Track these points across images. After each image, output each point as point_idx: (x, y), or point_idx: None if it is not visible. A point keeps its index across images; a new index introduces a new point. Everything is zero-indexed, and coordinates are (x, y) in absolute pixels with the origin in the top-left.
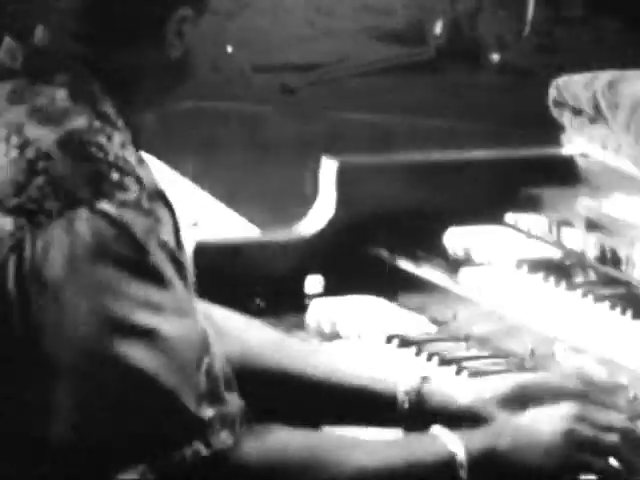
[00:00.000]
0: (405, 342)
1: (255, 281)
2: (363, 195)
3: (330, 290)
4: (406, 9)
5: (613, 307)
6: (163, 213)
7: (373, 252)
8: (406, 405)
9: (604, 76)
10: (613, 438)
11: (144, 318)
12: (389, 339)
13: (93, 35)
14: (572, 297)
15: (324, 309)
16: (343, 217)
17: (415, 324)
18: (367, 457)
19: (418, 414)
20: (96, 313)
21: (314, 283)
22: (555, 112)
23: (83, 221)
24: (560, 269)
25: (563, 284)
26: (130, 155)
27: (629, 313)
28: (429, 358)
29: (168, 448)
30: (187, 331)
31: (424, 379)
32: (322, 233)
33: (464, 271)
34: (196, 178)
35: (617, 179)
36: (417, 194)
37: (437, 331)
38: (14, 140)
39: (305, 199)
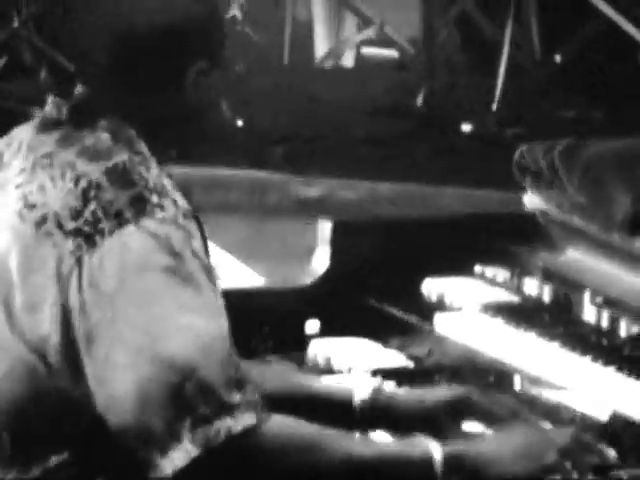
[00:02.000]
0: (387, 375)
1: (263, 324)
2: (353, 250)
3: (325, 332)
4: (388, 92)
5: (563, 345)
6: (194, 228)
7: (362, 299)
8: (360, 409)
9: (561, 143)
10: (567, 444)
11: (184, 318)
12: (374, 373)
13: (124, 88)
14: (529, 336)
15: (320, 348)
16: (336, 269)
17: (396, 360)
18: (363, 446)
19: (371, 416)
20: (144, 315)
21: (312, 326)
22: (518, 176)
23: (131, 237)
24: (519, 313)
25: (522, 326)
26: (166, 182)
27: (577, 350)
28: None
29: (206, 422)
30: (219, 328)
31: (377, 389)
32: (318, 283)
33: (438, 315)
34: (210, 235)
35: (570, 234)
36: (400, 249)
37: (414, 366)
38: (68, 175)
39: (306, 254)
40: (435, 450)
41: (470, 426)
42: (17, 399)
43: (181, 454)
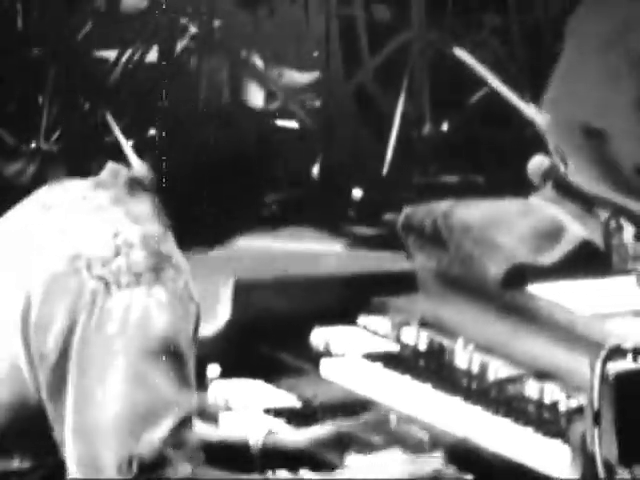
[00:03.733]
0: (277, 413)
1: None
2: (251, 304)
3: (225, 375)
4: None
5: (435, 387)
6: (192, 310)
7: (257, 347)
8: (256, 450)
9: (442, 205)
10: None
11: (160, 379)
12: (267, 411)
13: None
14: (404, 379)
15: (220, 389)
16: (236, 320)
17: (286, 401)
18: None
19: (265, 456)
20: (131, 363)
21: (213, 370)
22: (402, 236)
23: (141, 297)
24: (397, 359)
25: (399, 370)
26: (183, 261)
27: (448, 392)
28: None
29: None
30: (192, 400)
31: (269, 432)
32: (221, 332)
33: (324, 361)
34: None
35: (447, 288)
36: (292, 303)
37: (302, 405)
38: (109, 230)
39: (210, 307)
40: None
41: (353, 458)
42: (4, 403)
43: None
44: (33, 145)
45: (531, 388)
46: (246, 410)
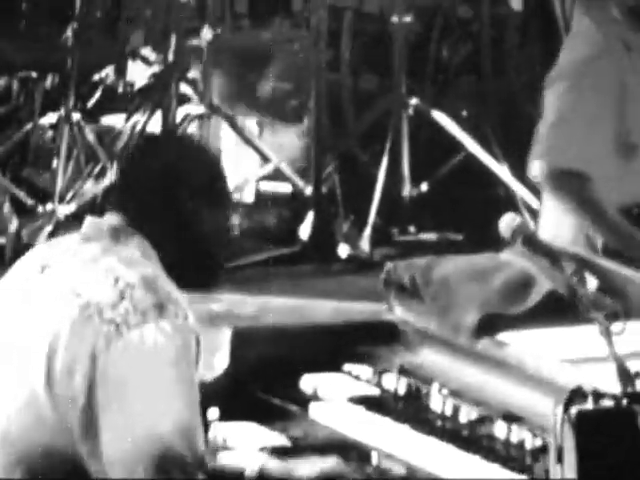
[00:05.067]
0: (271, 452)
1: None
2: (247, 352)
3: (223, 417)
4: (280, 222)
5: (412, 428)
6: (193, 340)
7: (253, 392)
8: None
9: (422, 261)
10: None
11: (177, 408)
12: (261, 450)
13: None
14: (385, 421)
15: (219, 430)
16: (233, 368)
17: (278, 440)
18: None
19: None
20: (148, 393)
21: (213, 413)
22: (384, 290)
23: (150, 333)
24: (379, 402)
25: (380, 413)
26: (180, 296)
27: (424, 432)
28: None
29: None
30: (198, 418)
31: (263, 465)
32: (219, 378)
33: (312, 405)
34: None
35: (424, 338)
36: (283, 351)
37: (292, 445)
38: (110, 277)
39: (210, 355)
40: None
41: None
42: (34, 447)
43: None
44: (49, 207)
45: (500, 428)
46: (242, 449)
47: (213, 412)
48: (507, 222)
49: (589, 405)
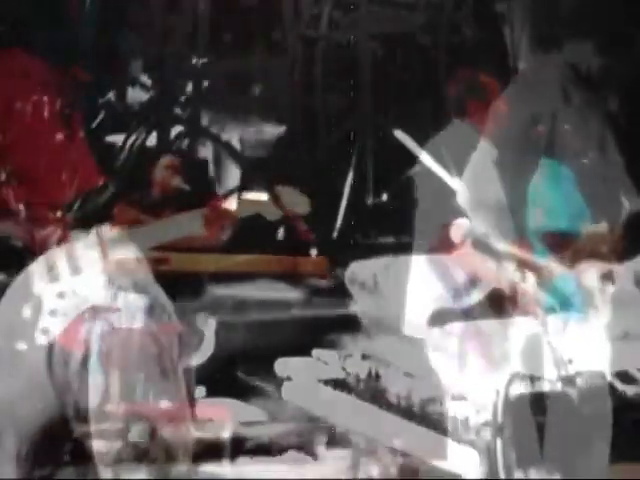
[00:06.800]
0: (245, 425)
1: None
2: (230, 340)
3: (209, 395)
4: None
5: (373, 402)
6: (175, 340)
7: (234, 373)
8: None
9: (382, 261)
10: None
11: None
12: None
13: None
14: (348, 398)
15: (205, 406)
16: (217, 353)
17: (255, 415)
18: None
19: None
20: (131, 380)
21: (200, 391)
22: (348, 286)
23: (138, 330)
24: (343, 383)
25: (344, 392)
26: (167, 301)
27: (382, 408)
28: None
29: None
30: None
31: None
32: (205, 362)
33: (285, 385)
34: None
35: (382, 327)
36: (260, 339)
37: (267, 419)
38: (105, 280)
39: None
40: None
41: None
42: (39, 425)
43: None
44: (59, 214)
45: (448, 406)
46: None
47: (200, 390)
48: (457, 227)
49: (526, 386)
